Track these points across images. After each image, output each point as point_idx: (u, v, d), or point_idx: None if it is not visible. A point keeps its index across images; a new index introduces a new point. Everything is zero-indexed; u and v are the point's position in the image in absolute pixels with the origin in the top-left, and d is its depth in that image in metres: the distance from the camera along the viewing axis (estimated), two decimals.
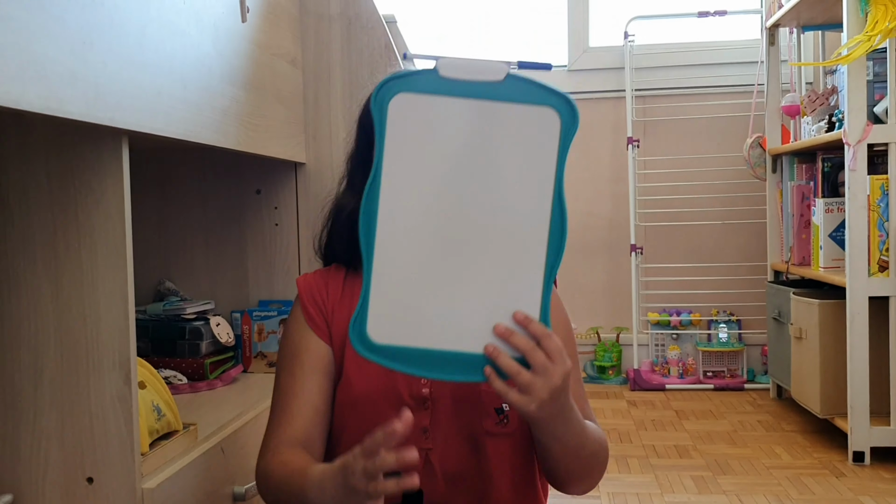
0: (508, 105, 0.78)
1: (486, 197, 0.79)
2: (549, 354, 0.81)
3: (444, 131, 0.78)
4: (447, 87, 0.77)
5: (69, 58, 0.86)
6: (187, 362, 1.67)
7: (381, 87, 0.78)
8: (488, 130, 0.78)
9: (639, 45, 3.36)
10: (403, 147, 0.78)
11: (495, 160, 0.78)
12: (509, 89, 0.78)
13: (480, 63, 0.78)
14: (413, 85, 0.77)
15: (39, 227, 1.02)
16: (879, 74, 2.37)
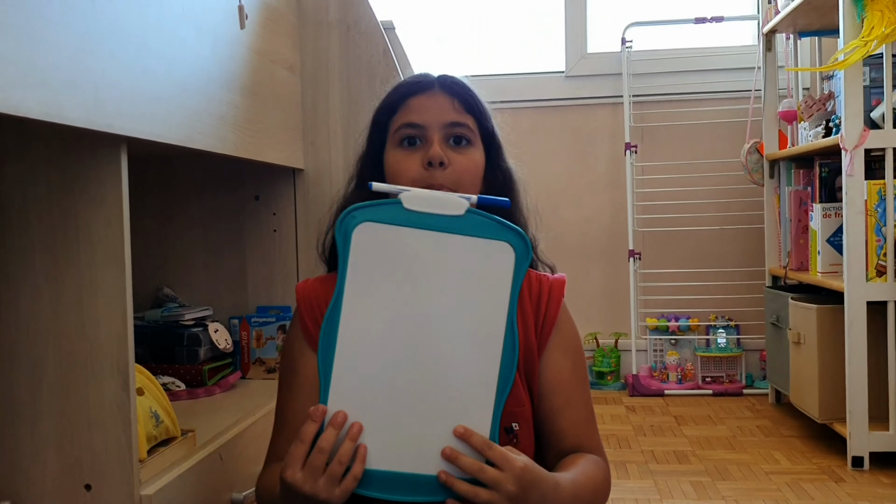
0: (467, 238, 0.83)
1: (443, 323, 0.82)
2: (497, 465, 0.82)
3: (405, 260, 0.82)
4: (410, 218, 0.82)
5: (69, 65, 0.87)
6: (185, 368, 1.67)
7: (346, 214, 0.83)
8: (447, 261, 0.82)
9: (636, 51, 3.37)
10: (365, 273, 0.82)
11: (452, 289, 0.82)
12: (469, 223, 0.83)
13: (442, 198, 0.84)
14: (377, 215, 0.82)
15: (39, 234, 1.02)
16: (876, 80, 2.37)
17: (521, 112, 3.44)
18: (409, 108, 1.06)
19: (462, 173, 1.04)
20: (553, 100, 3.44)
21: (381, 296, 0.82)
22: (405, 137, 1.04)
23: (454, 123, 1.05)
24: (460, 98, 1.07)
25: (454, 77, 1.10)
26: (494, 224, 0.84)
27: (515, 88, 3.44)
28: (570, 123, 3.44)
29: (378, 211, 0.82)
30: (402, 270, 0.82)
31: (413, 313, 0.82)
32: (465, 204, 0.83)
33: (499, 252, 0.83)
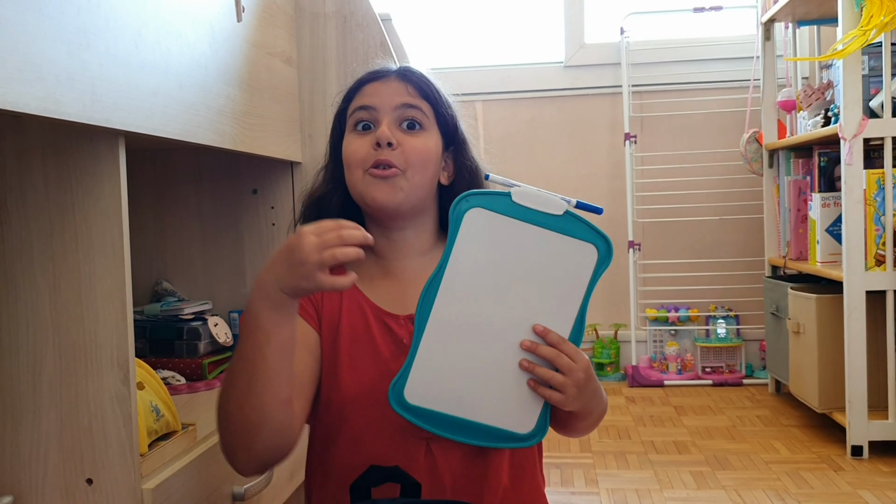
0: (560, 236, 0.95)
1: (526, 303, 0.95)
2: (570, 356, 0.94)
3: (505, 246, 0.94)
4: (516, 210, 0.94)
5: (66, 59, 0.86)
6: (185, 362, 1.67)
7: (463, 198, 0.94)
8: (539, 253, 0.95)
9: (635, 40, 3.36)
10: (468, 251, 0.94)
11: (539, 277, 0.95)
12: (564, 223, 0.95)
13: (547, 197, 0.95)
14: (489, 203, 0.94)
15: (36, 229, 1.02)
16: (875, 69, 2.37)
17: (520, 102, 3.44)
18: (364, 93, 1.09)
19: (411, 155, 1.05)
20: (552, 90, 3.44)
21: (478, 272, 0.94)
22: (359, 121, 1.08)
23: (405, 105, 1.07)
24: (414, 84, 1.09)
25: (412, 67, 1.13)
26: (586, 227, 0.95)
27: (514, 79, 3.44)
28: (569, 114, 3.44)
29: (490, 199, 0.94)
30: (499, 254, 0.94)
31: (502, 291, 0.94)
32: (564, 205, 0.95)
33: (584, 252, 0.95)
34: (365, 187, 1.05)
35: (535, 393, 0.95)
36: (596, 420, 1.06)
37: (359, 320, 1.06)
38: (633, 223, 3.32)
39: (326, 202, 1.11)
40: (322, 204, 1.11)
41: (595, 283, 0.95)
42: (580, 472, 2.23)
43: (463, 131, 1.14)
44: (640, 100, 3.38)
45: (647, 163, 3.37)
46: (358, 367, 1.03)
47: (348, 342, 1.05)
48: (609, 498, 2.05)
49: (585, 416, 1.02)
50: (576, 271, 0.94)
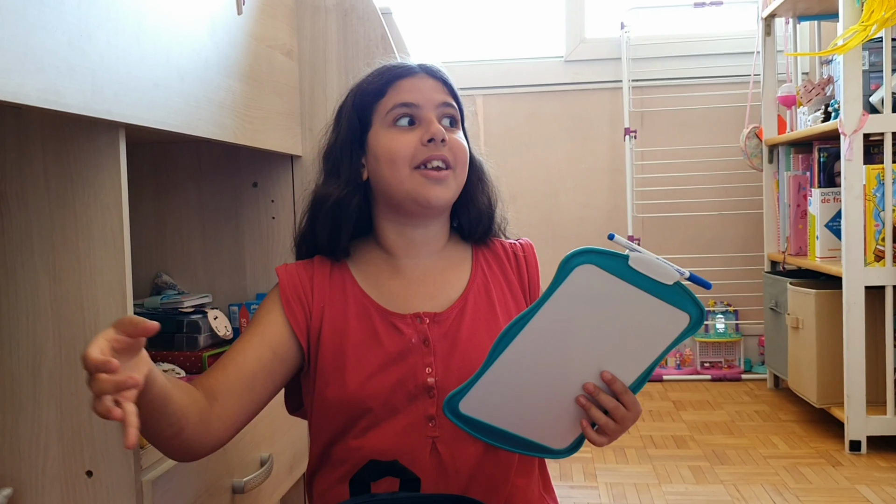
0: (660, 302, 0.95)
1: (603, 350, 0.96)
2: (627, 406, 0.96)
3: (604, 304, 0.94)
4: (627, 273, 0.93)
5: (67, 50, 0.86)
6: (185, 356, 1.67)
7: (581, 252, 0.93)
8: (635, 313, 0.95)
9: (635, 35, 3.36)
10: (566, 304, 0.94)
11: (629, 333, 0.96)
12: (668, 290, 0.94)
13: (662, 266, 0.95)
14: (604, 263, 0.93)
15: (36, 220, 1.01)
16: (875, 64, 2.37)
17: (521, 97, 3.43)
18: (400, 89, 1.07)
19: (457, 151, 1.06)
20: (552, 84, 3.43)
21: (569, 323, 0.95)
22: (400, 117, 1.05)
23: (446, 104, 1.07)
24: (444, 82, 1.09)
25: (433, 64, 1.12)
26: (688, 299, 0.95)
27: (514, 73, 3.44)
28: (570, 108, 3.43)
29: (606, 260, 0.93)
30: (597, 310, 0.94)
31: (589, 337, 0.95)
32: (676, 276, 0.95)
33: (678, 318, 0.95)
34: (418, 187, 1.04)
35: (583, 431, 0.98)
36: None
37: (365, 323, 1.05)
38: (632, 218, 3.32)
39: (345, 205, 1.08)
40: (340, 208, 1.08)
41: (676, 345, 0.97)
42: (579, 466, 2.23)
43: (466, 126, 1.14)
44: (641, 95, 3.38)
45: (647, 158, 3.37)
46: (365, 369, 1.03)
47: (355, 345, 1.04)
48: (608, 492, 2.05)
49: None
50: (662, 332, 0.96)
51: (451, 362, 1.03)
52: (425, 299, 1.07)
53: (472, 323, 1.05)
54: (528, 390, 0.97)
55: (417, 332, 1.04)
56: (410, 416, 1.02)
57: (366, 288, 1.07)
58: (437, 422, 1.02)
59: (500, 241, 1.15)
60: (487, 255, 1.13)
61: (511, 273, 1.12)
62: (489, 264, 1.11)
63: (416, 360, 1.03)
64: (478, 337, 1.04)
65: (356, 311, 1.05)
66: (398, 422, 1.02)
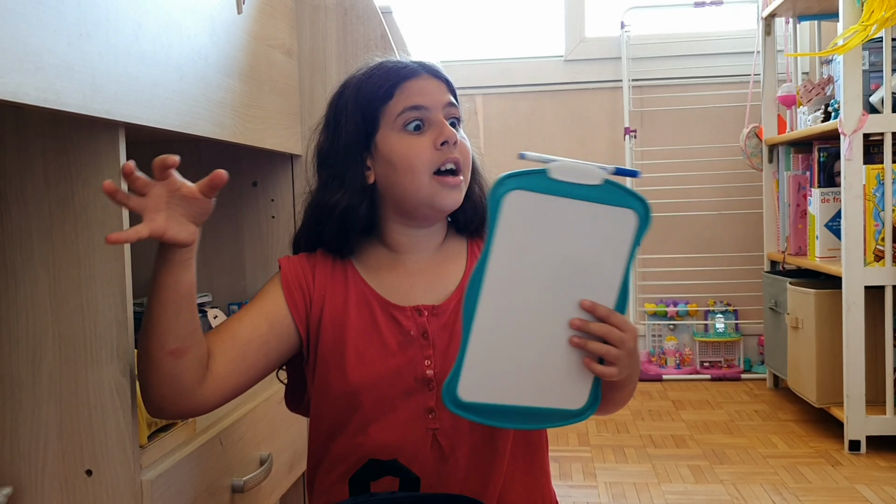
0: (600, 206, 0.92)
1: (572, 280, 0.93)
2: (619, 327, 0.93)
3: (546, 225, 0.92)
4: (554, 187, 0.91)
5: (66, 50, 0.86)
6: None
7: (500, 182, 0.89)
8: (581, 226, 0.92)
9: (635, 35, 3.36)
10: (511, 236, 0.91)
11: (582, 251, 0.92)
12: (602, 192, 0.91)
13: (583, 168, 0.91)
14: (527, 183, 0.90)
15: (36, 220, 1.02)
16: (875, 64, 2.37)
17: (520, 96, 3.43)
18: (408, 91, 1.05)
19: (465, 153, 1.07)
20: (552, 84, 3.44)
21: (523, 254, 0.91)
22: (411, 121, 1.04)
23: (451, 104, 1.07)
24: (445, 82, 1.09)
25: (430, 62, 1.11)
26: (626, 193, 0.92)
27: (514, 72, 3.44)
28: (570, 108, 3.43)
29: (527, 179, 0.90)
30: (542, 233, 0.91)
31: (548, 271, 0.92)
32: (602, 174, 0.91)
33: (624, 218, 0.92)
34: (436, 194, 1.04)
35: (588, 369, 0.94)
36: (633, 389, 1.05)
37: (365, 313, 1.06)
38: None
39: (353, 213, 1.06)
40: (349, 216, 1.06)
41: (636, 247, 0.93)
42: (578, 465, 2.23)
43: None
44: (641, 94, 3.38)
45: (647, 157, 3.37)
46: (364, 359, 1.03)
47: (355, 334, 1.04)
48: (607, 491, 2.05)
49: (627, 384, 1.01)
50: (617, 239, 0.92)
51: (450, 354, 1.03)
52: (424, 292, 1.07)
53: None
54: (520, 352, 0.93)
55: (417, 324, 1.04)
56: (410, 410, 1.02)
57: (367, 278, 1.08)
58: (437, 414, 1.02)
59: None
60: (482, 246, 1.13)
61: None
62: None
63: (415, 352, 1.03)
64: None
65: (357, 300, 1.06)
66: (398, 415, 1.02)
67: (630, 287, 0.96)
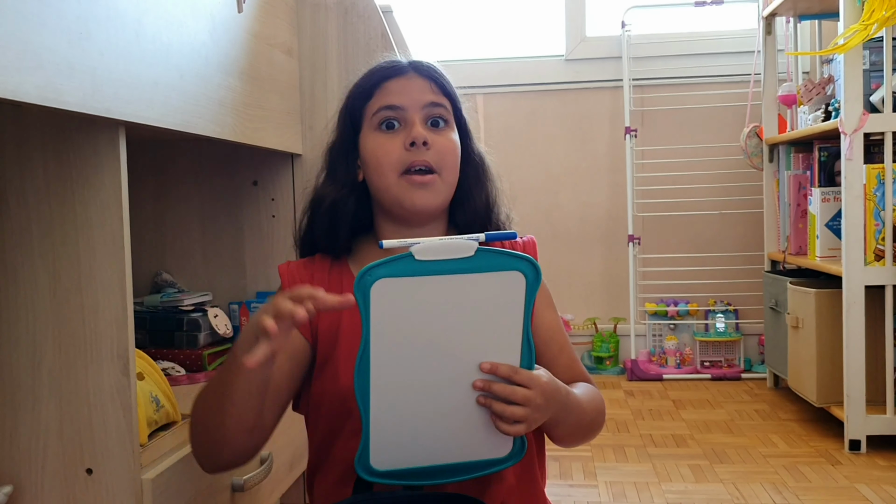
0: (480, 275, 0.87)
1: (465, 348, 0.90)
2: (524, 384, 0.90)
3: (425, 305, 0.87)
4: (423, 268, 0.86)
5: (66, 48, 0.86)
6: (185, 354, 1.67)
7: (363, 274, 0.85)
8: (464, 298, 0.88)
9: (636, 34, 3.36)
10: (388, 323, 0.87)
11: (472, 319, 0.89)
12: (480, 261, 0.87)
13: (452, 244, 0.87)
14: (392, 271, 0.86)
15: (36, 219, 1.01)
16: (876, 63, 2.37)
17: (521, 96, 3.43)
18: (387, 90, 1.06)
19: (444, 153, 1.05)
20: (553, 83, 3.43)
21: (406, 338, 0.88)
22: (385, 120, 1.05)
23: (433, 104, 1.06)
24: (435, 80, 1.08)
25: (425, 61, 1.10)
26: (505, 257, 0.89)
27: (515, 72, 3.44)
28: (570, 107, 3.43)
29: (392, 267, 0.86)
30: (422, 314, 0.87)
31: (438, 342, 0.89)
32: (473, 246, 0.87)
33: (511, 281, 0.88)
34: (403, 192, 1.04)
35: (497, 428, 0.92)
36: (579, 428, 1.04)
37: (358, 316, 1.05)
38: (632, 217, 3.32)
39: (341, 207, 1.08)
40: (337, 209, 1.08)
41: (531, 304, 0.90)
42: (579, 465, 2.23)
43: (466, 121, 1.13)
44: (641, 94, 3.38)
45: (648, 157, 3.37)
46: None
47: (348, 339, 1.04)
48: (607, 491, 2.05)
49: (558, 425, 1.00)
50: (508, 302, 0.89)
51: None
52: None
53: None
54: (427, 418, 0.91)
55: None
56: None
57: None
58: None
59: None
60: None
61: None
62: None
63: None
64: None
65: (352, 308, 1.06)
66: None
67: (534, 344, 0.92)
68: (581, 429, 1.04)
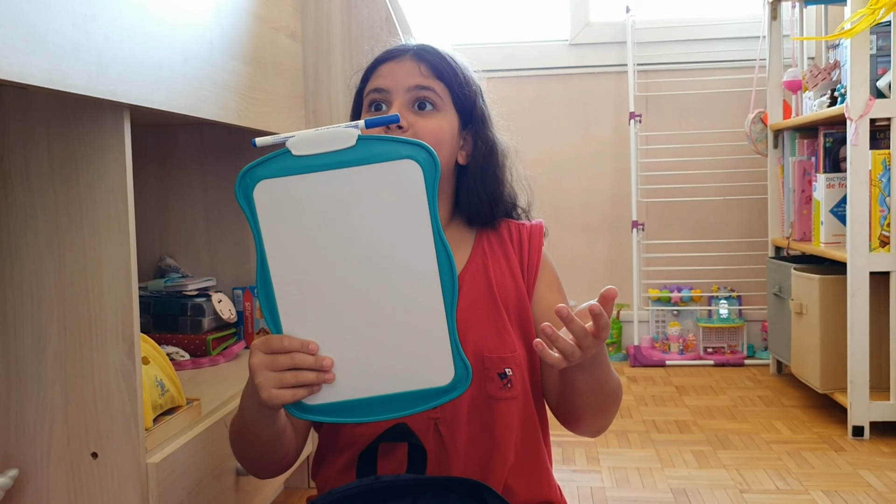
0: (368, 167, 0.80)
1: (372, 254, 0.82)
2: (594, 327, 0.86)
3: (314, 206, 0.80)
4: (304, 163, 0.79)
5: (71, 31, 0.86)
6: (189, 338, 1.68)
7: (242, 177, 0.80)
8: (355, 195, 0.80)
9: (640, 19, 3.34)
10: (280, 228, 0.81)
11: (371, 219, 0.81)
12: (365, 151, 0.80)
13: (330, 134, 0.80)
14: (271, 170, 0.80)
15: (41, 202, 1.01)
16: (883, 48, 2.35)
17: (525, 80, 3.42)
18: (378, 73, 1.08)
19: (424, 136, 1.03)
20: (557, 68, 3.42)
21: (303, 244, 0.81)
22: (372, 102, 1.07)
23: (418, 87, 1.06)
24: (428, 63, 1.07)
25: (430, 45, 1.10)
26: (391, 143, 0.81)
27: (519, 56, 3.42)
28: (574, 92, 3.42)
29: (271, 166, 0.80)
30: (313, 216, 0.80)
31: (339, 253, 0.82)
32: (353, 134, 0.79)
33: (404, 170, 0.80)
34: None
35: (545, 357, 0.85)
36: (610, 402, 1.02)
37: None
38: (636, 203, 3.31)
39: None
40: None
41: (435, 197, 0.81)
42: (582, 450, 2.23)
43: (482, 107, 1.12)
44: (646, 79, 3.36)
45: (652, 142, 3.36)
46: None
47: None
48: (610, 476, 2.05)
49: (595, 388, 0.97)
50: (407, 196, 0.80)
51: None
52: None
53: (470, 303, 1.05)
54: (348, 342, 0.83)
55: None
56: None
57: None
58: None
59: (509, 222, 1.14)
60: (491, 237, 1.12)
61: (513, 253, 1.11)
62: (491, 245, 1.11)
63: None
64: (475, 316, 1.04)
65: None
66: None
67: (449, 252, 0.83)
68: (602, 393, 1.00)
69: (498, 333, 1.05)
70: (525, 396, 1.05)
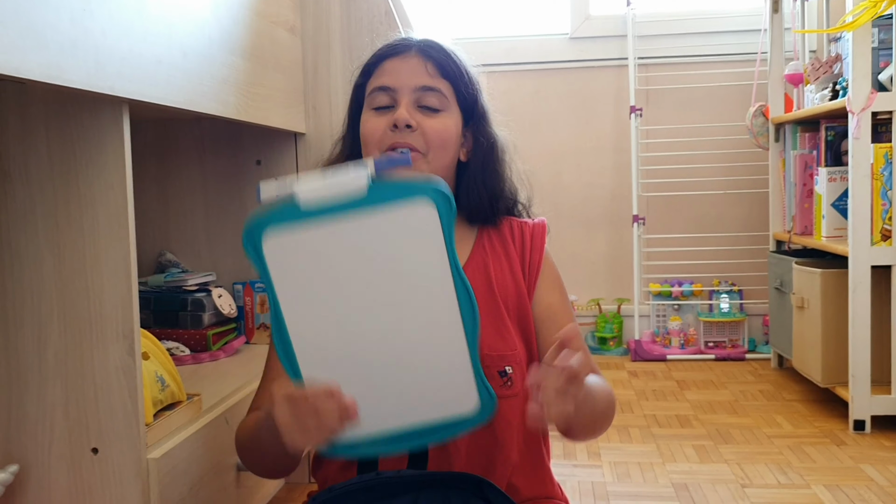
0: (382, 214, 0.76)
1: (390, 296, 0.80)
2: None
3: (328, 254, 0.77)
4: (315, 212, 0.76)
5: (69, 26, 0.85)
6: (189, 334, 1.67)
7: (248, 229, 0.77)
8: (370, 241, 0.77)
9: (641, 12, 3.33)
10: (293, 277, 0.78)
11: (387, 263, 0.78)
12: (377, 194, 0.76)
13: (338, 182, 0.76)
14: (278, 220, 0.76)
15: (40, 198, 1.01)
16: (884, 41, 2.34)
17: (525, 74, 3.41)
18: (383, 70, 1.07)
19: (432, 137, 1.03)
20: (557, 62, 3.41)
21: (318, 295, 0.79)
22: (377, 100, 1.06)
23: (425, 87, 1.05)
24: (435, 62, 1.06)
25: (434, 41, 1.09)
26: (402, 185, 0.77)
27: (519, 50, 3.41)
28: (575, 86, 3.41)
29: (277, 216, 0.76)
30: (327, 267, 0.78)
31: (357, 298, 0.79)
32: (364, 181, 0.76)
33: (420, 211, 0.77)
34: None
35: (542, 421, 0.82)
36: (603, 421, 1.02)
37: None
38: (637, 197, 3.30)
39: None
40: None
41: (451, 235, 0.78)
42: (582, 445, 2.23)
43: (483, 104, 1.12)
44: (646, 72, 3.35)
45: (653, 136, 3.35)
46: None
47: None
48: (611, 471, 2.05)
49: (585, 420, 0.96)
50: (424, 237, 0.77)
51: None
52: None
53: None
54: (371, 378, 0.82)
55: None
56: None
57: None
58: None
59: (511, 220, 1.14)
60: (492, 235, 1.12)
61: (514, 252, 1.11)
62: (492, 244, 1.11)
63: None
64: None
65: None
66: None
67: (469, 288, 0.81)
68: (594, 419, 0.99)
69: (498, 331, 1.04)
70: (525, 394, 1.05)
